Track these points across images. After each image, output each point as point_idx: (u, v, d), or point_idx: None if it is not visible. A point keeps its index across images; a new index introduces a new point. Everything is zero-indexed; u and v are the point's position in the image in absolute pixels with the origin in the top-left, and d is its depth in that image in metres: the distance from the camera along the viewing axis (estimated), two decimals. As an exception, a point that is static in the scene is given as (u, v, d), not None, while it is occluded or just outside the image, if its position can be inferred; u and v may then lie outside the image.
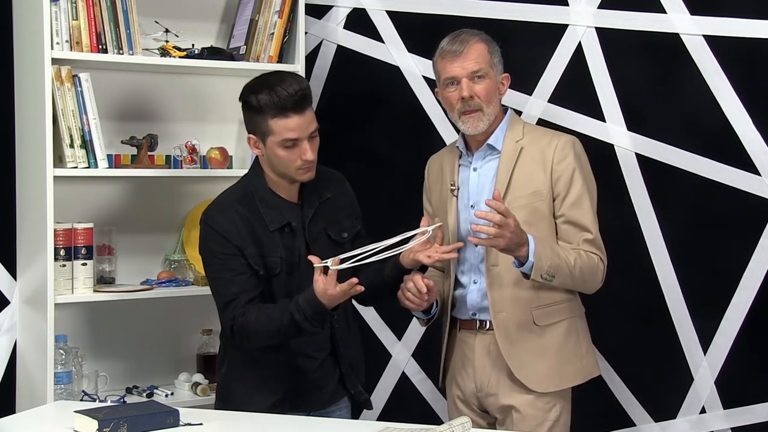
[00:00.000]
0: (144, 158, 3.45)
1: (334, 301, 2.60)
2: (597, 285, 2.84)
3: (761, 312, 3.19)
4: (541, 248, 2.68)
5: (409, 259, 2.74)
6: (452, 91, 2.82)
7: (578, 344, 2.86)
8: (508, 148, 2.83)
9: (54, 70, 3.15)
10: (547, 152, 2.81)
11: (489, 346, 2.83)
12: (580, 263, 2.75)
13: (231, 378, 2.85)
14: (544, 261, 2.68)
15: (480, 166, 2.87)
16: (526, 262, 2.67)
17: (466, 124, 2.82)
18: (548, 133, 2.90)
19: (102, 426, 2.32)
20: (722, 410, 3.26)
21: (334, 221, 2.85)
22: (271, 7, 3.52)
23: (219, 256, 2.74)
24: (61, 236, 3.22)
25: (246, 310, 2.70)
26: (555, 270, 2.70)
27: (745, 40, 3.17)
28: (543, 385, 2.79)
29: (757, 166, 3.18)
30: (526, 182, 2.80)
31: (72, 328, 3.43)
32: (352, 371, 2.88)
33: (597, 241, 2.81)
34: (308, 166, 2.74)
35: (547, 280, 2.70)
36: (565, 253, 2.73)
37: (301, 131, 2.69)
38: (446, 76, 2.82)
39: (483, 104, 2.79)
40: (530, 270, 2.67)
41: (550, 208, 2.81)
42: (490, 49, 2.83)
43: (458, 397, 2.92)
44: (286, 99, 2.66)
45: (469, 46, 2.80)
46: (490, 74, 2.81)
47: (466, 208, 2.86)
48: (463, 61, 2.79)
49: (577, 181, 2.80)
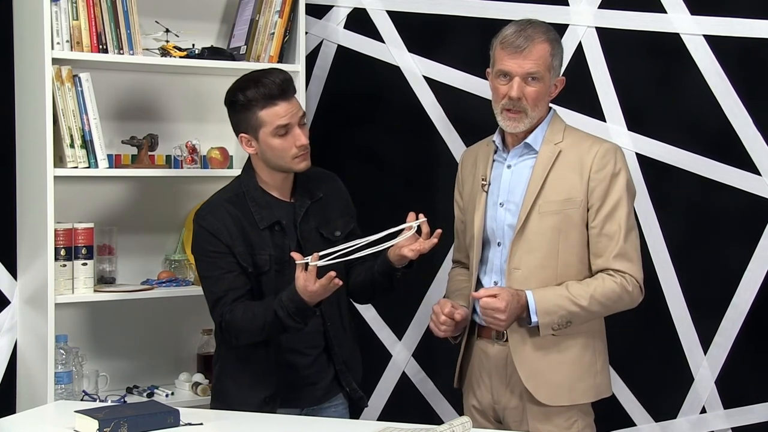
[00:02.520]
0: (144, 158, 3.45)
1: (316, 297, 2.60)
2: (629, 305, 2.71)
3: (761, 312, 3.20)
4: (543, 305, 2.62)
5: (396, 254, 2.73)
6: (502, 84, 2.70)
7: (594, 361, 2.74)
8: (545, 150, 2.72)
9: (54, 70, 3.15)
10: (585, 159, 2.69)
11: (507, 358, 2.73)
12: (597, 298, 2.63)
13: (224, 375, 2.87)
14: (551, 316, 2.61)
15: (515, 164, 2.77)
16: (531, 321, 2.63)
17: (506, 121, 2.71)
18: (589, 139, 2.77)
19: (102, 426, 2.32)
20: (722, 410, 3.26)
21: (326, 220, 2.87)
22: (272, 6, 3.52)
23: (209, 255, 2.77)
24: (62, 236, 3.22)
25: (233, 307, 2.72)
26: (569, 317, 2.63)
27: (746, 39, 3.17)
28: (552, 398, 2.69)
29: (757, 165, 3.18)
30: (560, 187, 2.69)
31: (72, 328, 3.43)
32: (346, 369, 2.89)
33: (627, 253, 2.66)
34: (303, 153, 2.77)
35: (563, 327, 2.63)
36: (575, 299, 2.62)
37: (290, 116, 2.75)
38: (500, 68, 2.70)
39: (529, 108, 2.68)
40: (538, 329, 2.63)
41: (583, 217, 2.68)
42: (553, 51, 2.71)
43: (474, 407, 2.84)
44: (273, 88, 2.73)
45: (534, 44, 2.66)
46: (546, 78, 2.69)
47: (495, 206, 2.76)
48: (523, 60, 2.66)
49: (613, 191, 2.67)
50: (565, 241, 2.69)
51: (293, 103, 2.78)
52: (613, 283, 2.66)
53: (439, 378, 3.66)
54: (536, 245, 2.68)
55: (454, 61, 3.57)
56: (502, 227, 2.75)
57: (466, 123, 3.54)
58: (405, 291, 2.91)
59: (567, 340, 2.70)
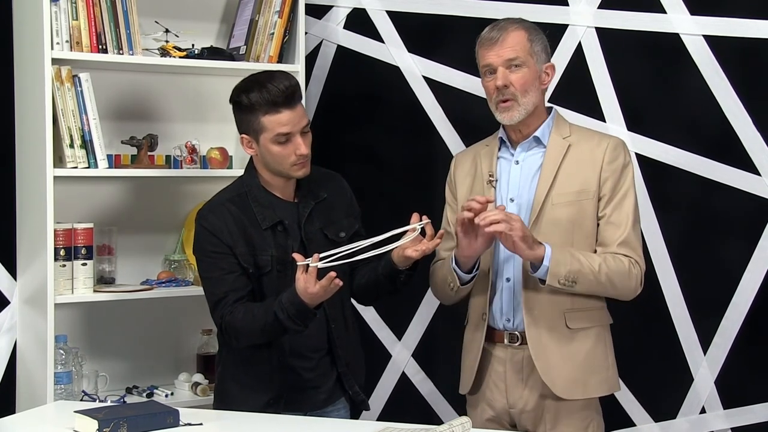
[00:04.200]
0: (144, 158, 3.45)
1: (316, 298, 2.58)
2: (633, 290, 2.72)
3: (761, 312, 3.20)
4: (558, 254, 2.61)
5: (400, 255, 2.72)
6: (489, 81, 2.73)
7: (606, 354, 2.76)
8: (554, 143, 2.75)
9: (54, 70, 3.15)
10: (597, 152, 2.73)
11: (522, 361, 2.73)
12: (606, 269, 2.65)
13: (226, 377, 2.86)
14: (562, 267, 2.61)
15: (523, 159, 2.77)
16: (541, 266, 2.62)
17: (500, 113, 2.73)
18: (597, 134, 2.82)
19: (102, 426, 2.32)
20: (722, 410, 3.26)
21: (330, 221, 2.85)
22: (271, 7, 3.52)
23: (210, 255, 2.76)
24: (61, 236, 3.22)
25: (234, 308, 2.71)
26: (576, 276, 2.62)
27: (745, 40, 3.18)
28: (568, 392, 2.70)
29: (756, 165, 3.18)
30: (573, 180, 2.71)
31: (72, 328, 3.43)
32: (349, 371, 2.87)
33: (631, 242, 2.70)
34: (302, 161, 2.75)
35: (566, 286, 2.63)
36: (588, 259, 2.65)
37: (292, 125, 2.72)
38: (483, 64, 2.75)
39: (518, 94, 2.70)
40: (545, 275, 2.62)
41: (595, 208, 2.71)
42: (531, 37, 2.73)
43: (488, 419, 2.81)
44: (277, 95, 2.69)
45: (507, 33, 2.71)
46: (529, 63, 2.71)
47: (504, 201, 2.76)
48: (500, 48, 2.70)
49: (623, 183, 2.71)
50: (579, 231, 2.70)
51: (297, 111, 2.73)
52: (620, 261, 2.68)
53: (439, 378, 3.66)
54: (551, 238, 2.67)
55: (454, 62, 3.57)
56: None
57: (466, 123, 3.54)
58: (405, 291, 2.90)
59: (581, 333, 2.72)
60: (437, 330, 3.65)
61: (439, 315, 3.61)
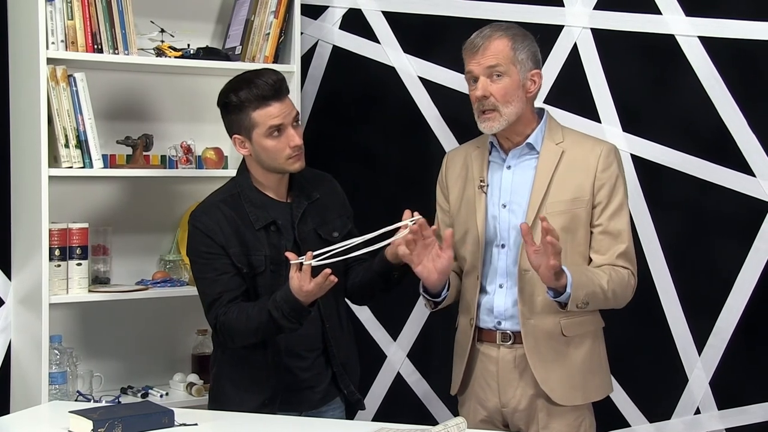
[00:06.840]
0: (139, 158, 3.44)
1: (310, 296, 2.59)
2: (627, 300, 2.73)
3: (756, 313, 3.20)
4: (578, 278, 2.56)
5: (392, 252, 2.73)
6: (472, 89, 2.70)
7: (600, 359, 2.78)
8: (547, 150, 2.71)
9: (49, 70, 3.15)
10: (590, 158, 2.69)
11: (515, 360, 2.72)
12: (612, 285, 2.64)
13: (221, 377, 2.86)
14: (581, 290, 2.58)
15: (515, 165, 2.75)
16: (564, 292, 2.57)
17: (481, 123, 2.69)
18: (590, 139, 2.79)
19: (97, 426, 2.32)
20: (717, 411, 3.27)
21: (323, 221, 2.86)
22: (267, 7, 3.52)
23: (204, 256, 2.77)
24: (56, 236, 3.21)
25: (228, 309, 2.72)
26: (590, 297, 2.61)
27: (741, 41, 3.18)
28: (567, 399, 2.70)
29: (751, 167, 3.18)
30: (567, 187, 2.69)
31: (67, 329, 3.43)
32: (344, 371, 2.88)
33: (630, 254, 2.70)
34: (297, 154, 2.77)
35: (580, 308, 2.61)
36: (598, 278, 2.62)
37: (283, 117, 2.74)
38: (466, 71, 2.72)
39: (499, 104, 2.65)
40: (567, 299, 2.57)
41: (589, 216, 2.69)
42: (515, 45, 2.68)
43: (480, 420, 2.80)
44: (266, 89, 2.72)
45: (490, 41, 2.67)
46: (511, 72, 2.67)
47: (496, 207, 2.74)
48: (481, 57, 2.66)
49: (618, 191, 2.69)
50: (573, 240, 2.69)
51: (286, 103, 2.77)
52: (622, 274, 2.68)
53: (434, 379, 3.66)
54: None
55: (449, 62, 3.57)
56: (507, 229, 2.73)
57: (461, 123, 3.54)
58: (399, 292, 2.91)
59: (577, 341, 2.72)
60: (432, 331, 3.65)
61: (434, 316, 3.61)
